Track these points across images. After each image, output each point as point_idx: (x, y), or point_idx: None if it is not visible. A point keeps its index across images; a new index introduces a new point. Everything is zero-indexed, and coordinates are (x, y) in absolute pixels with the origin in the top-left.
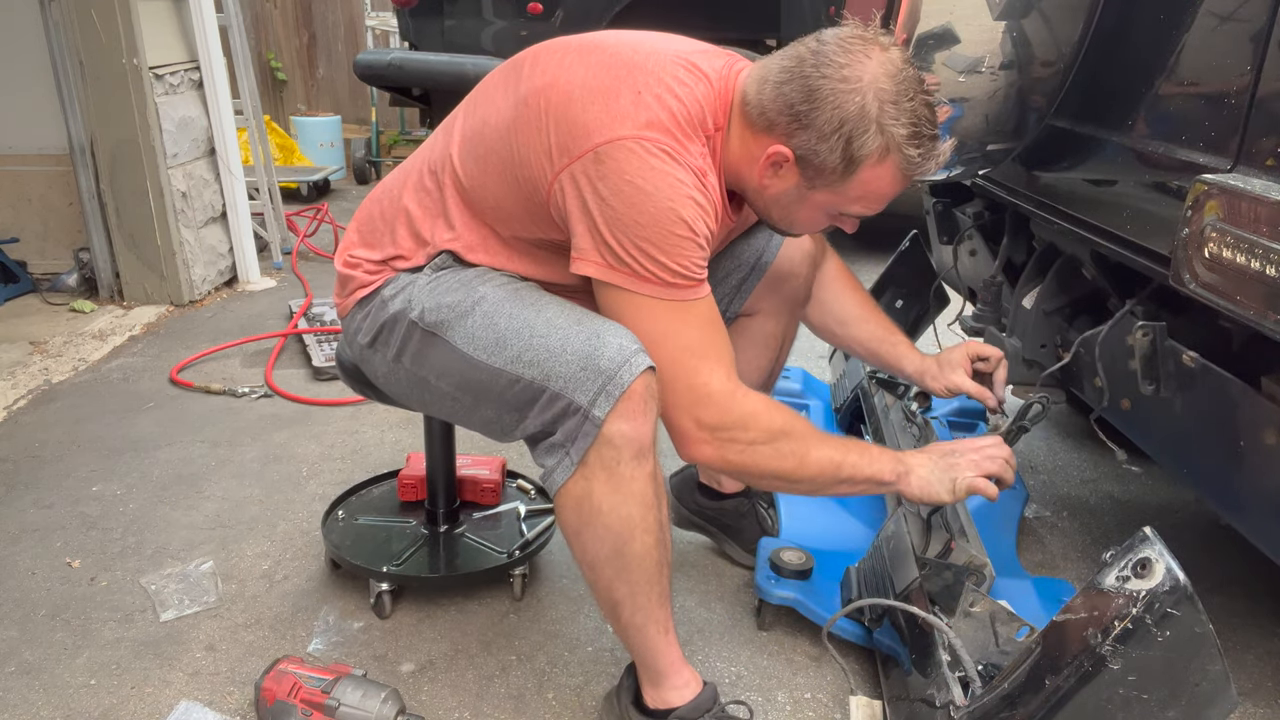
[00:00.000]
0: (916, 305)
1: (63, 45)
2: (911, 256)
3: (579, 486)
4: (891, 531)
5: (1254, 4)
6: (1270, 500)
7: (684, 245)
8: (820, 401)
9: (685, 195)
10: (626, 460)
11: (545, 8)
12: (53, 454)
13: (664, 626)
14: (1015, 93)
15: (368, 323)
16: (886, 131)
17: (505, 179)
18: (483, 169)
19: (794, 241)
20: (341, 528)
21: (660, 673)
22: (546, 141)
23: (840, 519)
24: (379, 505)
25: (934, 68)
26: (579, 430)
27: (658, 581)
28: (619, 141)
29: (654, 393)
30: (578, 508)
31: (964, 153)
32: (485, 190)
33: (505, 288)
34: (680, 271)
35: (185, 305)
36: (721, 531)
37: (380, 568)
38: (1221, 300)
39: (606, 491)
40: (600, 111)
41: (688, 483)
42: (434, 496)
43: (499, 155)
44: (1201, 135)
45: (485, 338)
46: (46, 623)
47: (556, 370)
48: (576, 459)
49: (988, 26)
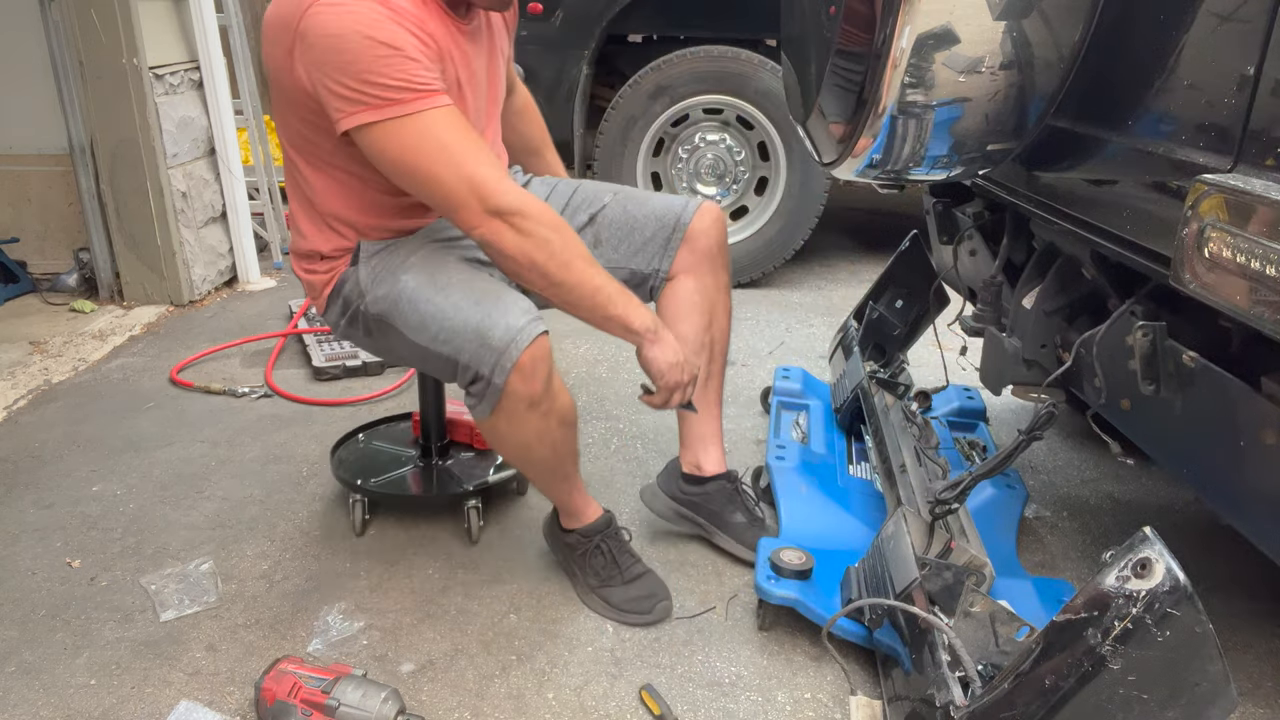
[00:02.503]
0: (916, 305)
1: (63, 45)
2: (911, 256)
3: (489, 423)
4: (891, 531)
5: (1254, 4)
6: (1270, 500)
7: (392, 60)
8: (820, 401)
9: (372, 20)
10: (521, 409)
11: (545, 8)
12: (53, 454)
13: (569, 489)
14: (1015, 93)
15: (344, 311)
16: None
17: (284, 101)
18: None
19: (705, 209)
20: (357, 448)
21: (571, 513)
22: (274, 47)
23: (840, 519)
24: (396, 436)
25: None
26: (486, 390)
27: (558, 469)
28: (307, 12)
29: (542, 358)
30: (492, 435)
31: (964, 153)
32: (289, 134)
33: (421, 274)
34: (401, 84)
35: (185, 305)
36: (709, 521)
37: (357, 482)
38: (1221, 300)
39: (508, 429)
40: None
41: (671, 474)
42: (426, 432)
43: (283, 90)
44: (1201, 135)
45: (413, 322)
46: (46, 623)
47: (463, 348)
48: (489, 408)
49: (988, 26)
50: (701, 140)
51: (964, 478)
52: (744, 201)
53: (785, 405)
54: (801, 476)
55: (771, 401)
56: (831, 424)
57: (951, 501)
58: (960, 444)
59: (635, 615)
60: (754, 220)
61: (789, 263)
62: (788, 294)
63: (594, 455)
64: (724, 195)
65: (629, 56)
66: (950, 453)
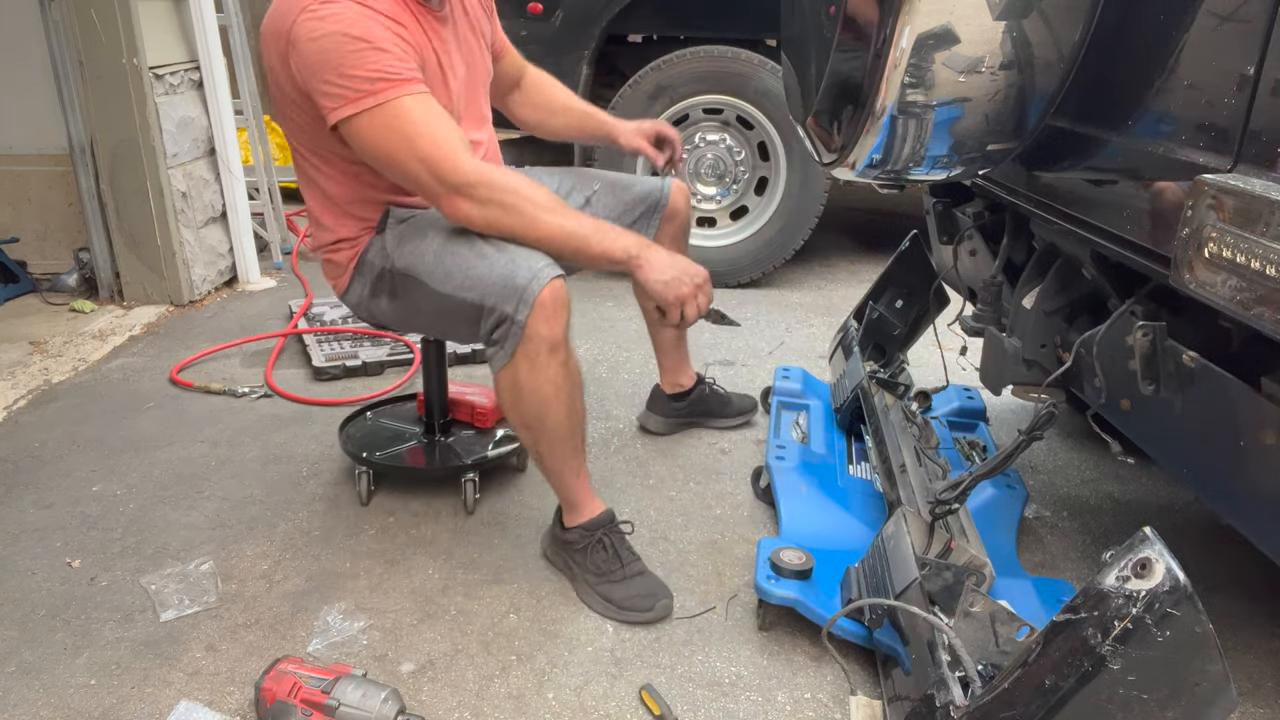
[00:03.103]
0: (916, 305)
1: (63, 45)
2: (911, 256)
3: (509, 372)
4: (891, 531)
5: (1254, 4)
6: (1270, 500)
7: (365, 54)
8: (820, 401)
9: (348, 19)
10: (543, 353)
11: (545, 8)
12: (53, 454)
13: (576, 471)
14: (1015, 93)
15: (368, 280)
16: None
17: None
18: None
19: (678, 187)
20: (364, 424)
21: (573, 504)
22: (271, 55)
23: (840, 519)
24: (402, 415)
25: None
26: (509, 332)
27: (570, 440)
28: (296, 21)
29: (561, 300)
30: (510, 387)
31: (964, 153)
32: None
33: (448, 230)
34: (376, 75)
35: (185, 305)
36: (704, 417)
37: (363, 455)
38: (1221, 300)
39: (528, 375)
40: (280, 14)
41: (659, 398)
42: (429, 409)
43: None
44: (1201, 135)
45: (439, 273)
46: (46, 623)
47: (488, 291)
48: (509, 353)
49: (988, 26)
50: (701, 140)
51: (964, 478)
52: (744, 201)
53: (785, 405)
54: (801, 476)
55: (771, 401)
56: (832, 424)
57: (951, 502)
58: (960, 444)
59: (637, 613)
60: (754, 220)
61: (789, 263)
62: (788, 294)
63: (594, 455)
64: (724, 195)
65: (629, 56)
66: (950, 453)
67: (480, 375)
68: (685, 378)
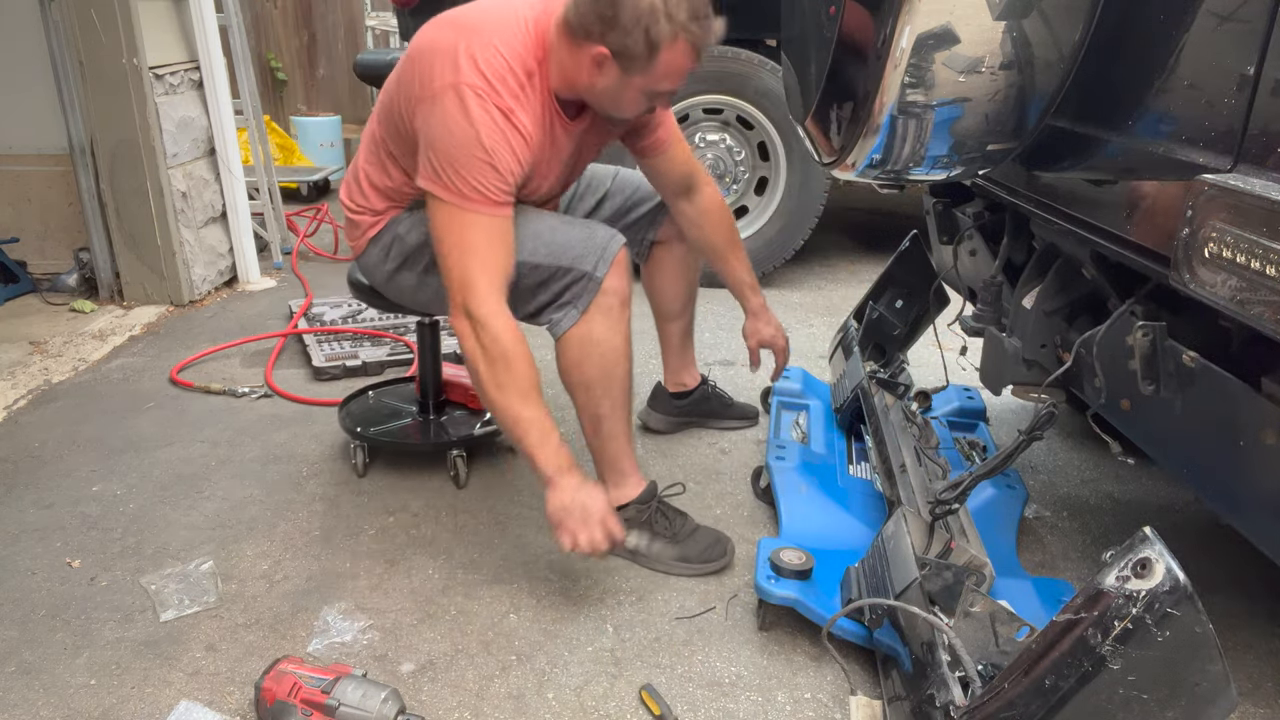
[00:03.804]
0: (916, 305)
1: (63, 45)
2: (911, 257)
3: (582, 328)
4: (891, 531)
5: (1254, 4)
6: (1270, 500)
7: (481, 167)
8: (820, 401)
9: (487, 128)
10: (616, 307)
11: None
12: (53, 454)
13: (629, 438)
14: (1015, 93)
15: (392, 252)
16: (673, 18)
17: (391, 123)
18: (387, 118)
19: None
20: (365, 403)
21: (623, 473)
22: (410, 90)
23: (840, 519)
24: (403, 395)
25: (934, 68)
26: (585, 289)
27: (627, 403)
28: (448, 87)
29: (628, 262)
30: (581, 343)
31: (964, 153)
32: (392, 139)
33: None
34: (476, 187)
35: (185, 305)
36: (706, 417)
37: (357, 430)
38: (1221, 300)
39: (603, 329)
40: (440, 65)
41: (660, 396)
42: (424, 390)
43: (393, 106)
44: (1201, 135)
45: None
46: (46, 623)
47: (567, 253)
48: (582, 309)
49: (988, 26)
50: (701, 140)
51: (964, 478)
52: (744, 201)
53: (785, 405)
54: (802, 476)
55: (771, 401)
56: (831, 424)
57: (952, 502)
58: (960, 444)
59: (714, 562)
60: (754, 220)
61: (789, 263)
62: (788, 294)
63: None
64: (724, 195)
65: None
66: (950, 453)
67: None
68: (689, 377)
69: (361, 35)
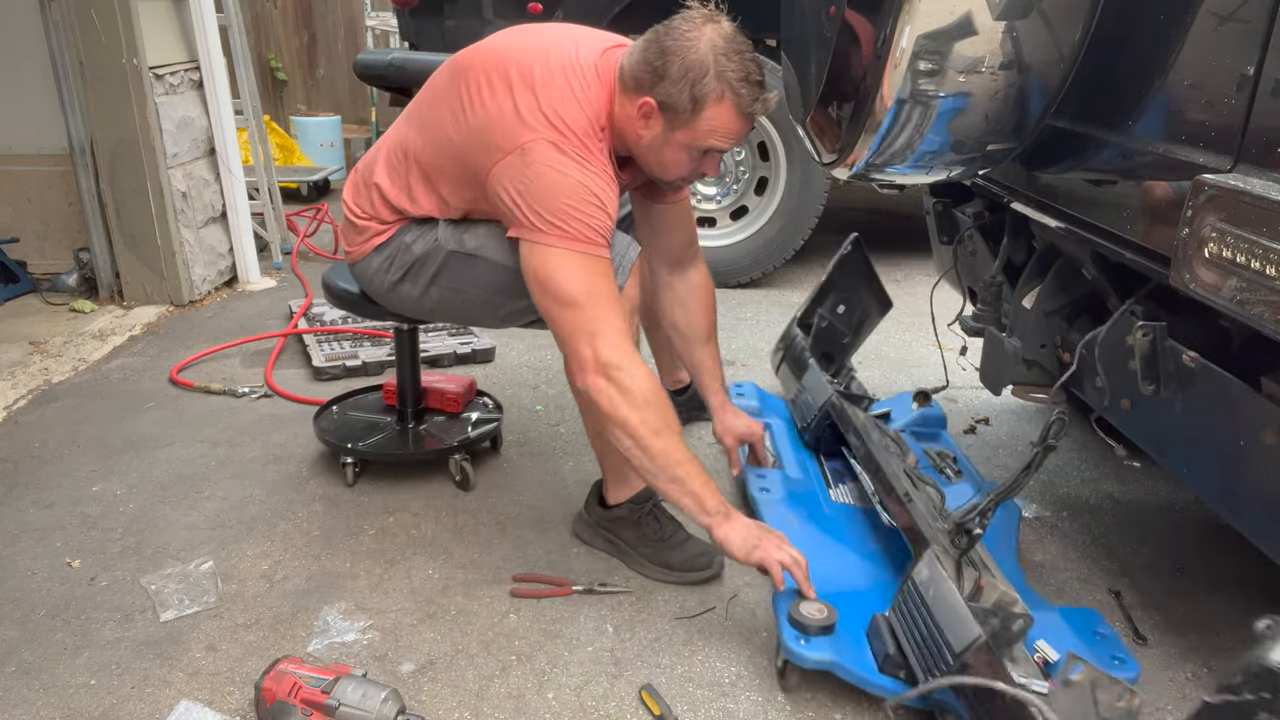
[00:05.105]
0: (858, 310)
1: (63, 45)
2: (852, 261)
3: None
4: (926, 576)
5: (1254, 4)
6: (1270, 500)
7: (597, 212)
8: (780, 419)
9: (591, 177)
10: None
11: (545, 7)
12: (53, 454)
13: None
14: (1015, 93)
15: (396, 262)
16: (723, 76)
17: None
18: (437, 152)
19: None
20: (333, 418)
21: (623, 475)
22: (488, 139)
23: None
24: (367, 406)
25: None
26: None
27: None
28: (540, 143)
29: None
30: None
31: (964, 152)
32: (442, 172)
33: None
34: (596, 229)
35: (185, 305)
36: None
37: (347, 445)
38: (1221, 300)
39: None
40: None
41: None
42: (403, 398)
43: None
44: (1201, 135)
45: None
46: (46, 623)
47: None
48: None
49: (988, 26)
50: None
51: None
52: (744, 201)
53: None
54: (790, 509)
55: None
56: (799, 444)
57: (975, 528)
58: (930, 456)
59: (699, 571)
60: (754, 220)
61: (789, 263)
62: (788, 294)
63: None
64: (724, 195)
65: None
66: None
67: (482, 374)
68: (685, 373)
69: (361, 35)
